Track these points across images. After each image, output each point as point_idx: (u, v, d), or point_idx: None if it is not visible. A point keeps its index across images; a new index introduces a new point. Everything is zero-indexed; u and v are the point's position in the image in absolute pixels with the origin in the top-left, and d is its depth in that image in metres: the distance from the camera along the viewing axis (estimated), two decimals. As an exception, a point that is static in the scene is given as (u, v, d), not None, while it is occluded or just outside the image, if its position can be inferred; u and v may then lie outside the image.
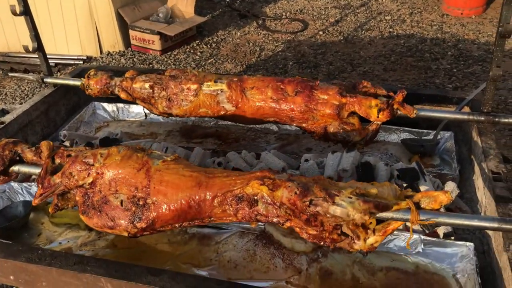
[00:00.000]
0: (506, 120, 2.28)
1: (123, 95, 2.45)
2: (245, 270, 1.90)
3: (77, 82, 2.71)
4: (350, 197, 1.51)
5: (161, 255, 1.99)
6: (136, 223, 1.71)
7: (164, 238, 2.07)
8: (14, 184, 2.31)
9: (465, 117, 2.32)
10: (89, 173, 1.77)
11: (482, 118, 2.27)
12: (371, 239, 1.56)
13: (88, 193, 1.77)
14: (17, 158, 1.96)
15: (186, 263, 1.94)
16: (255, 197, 1.62)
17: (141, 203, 1.71)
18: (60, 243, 2.08)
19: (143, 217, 1.70)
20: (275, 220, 1.62)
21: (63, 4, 5.25)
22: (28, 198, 2.31)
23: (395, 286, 1.80)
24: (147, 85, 2.36)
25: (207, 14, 6.59)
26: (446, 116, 2.32)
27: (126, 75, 2.47)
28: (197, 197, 1.68)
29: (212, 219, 1.71)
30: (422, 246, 1.88)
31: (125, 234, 1.74)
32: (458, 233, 2.02)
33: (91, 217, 1.75)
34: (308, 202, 1.54)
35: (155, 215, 1.70)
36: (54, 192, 1.81)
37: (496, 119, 2.26)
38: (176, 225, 1.73)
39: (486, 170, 2.05)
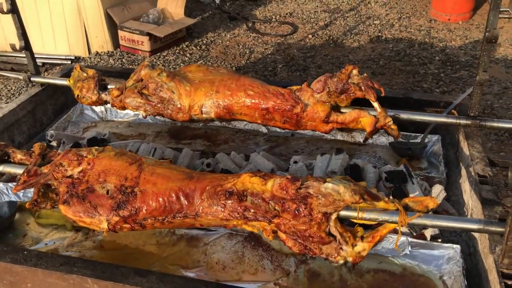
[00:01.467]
0: (492, 124, 2.31)
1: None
2: (234, 272, 1.89)
3: (64, 82, 2.68)
4: (341, 180, 1.56)
5: (148, 256, 1.98)
6: (119, 211, 1.68)
7: (152, 240, 2.06)
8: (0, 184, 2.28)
9: (452, 120, 2.35)
10: (80, 163, 1.76)
11: (469, 122, 2.29)
12: (359, 247, 1.57)
13: (74, 183, 1.74)
14: (6, 158, 1.94)
15: (174, 265, 1.93)
16: (245, 192, 1.62)
17: (128, 191, 1.69)
18: (46, 244, 2.05)
19: (128, 205, 1.68)
20: (261, 218, 1.61)
21: (51, 3, 5.20)
22: (13, 198, 2.27)
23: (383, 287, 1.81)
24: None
25: (197, 16, 6.59)
26: (434, 120, 2.34)
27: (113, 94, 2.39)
28: (186, 189, 1.67)
29: (198, 216, 1.68)
30: (410, 248, 1.89)
31: (104, 225, 1.70)
32: (445, 235, 2.04)
33: (71, 205, 1.71)
34: (299, 184, 1.56)
35: (140, 204, 1.68)
36: (38, 181, 1.78)
37: (483, 123, 2.29)
38: (160, 218, 1.69)
39: (472, 173, 2.08)
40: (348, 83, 2.07)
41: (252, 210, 1.61)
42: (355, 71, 2.07)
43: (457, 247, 1.84)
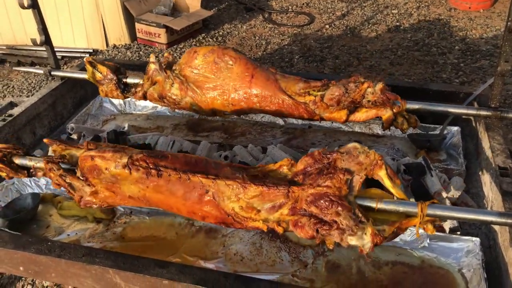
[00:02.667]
0: (514, 115, 2.28)
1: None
2: (252, 263, 1.91)
3: (84, 75, 2.71)
4: None
5: (168, 247, 2.01)
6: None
7: (172, 231, 2.09)
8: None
9: (472, 112, 2.32)
10: None
11: (489, 113, 2.26)
12: (380, 227, 1.49)
13: None
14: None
15: (193, 256, 1.95)
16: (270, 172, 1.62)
17: None
18: (68, 235, 2.10)
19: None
20: (282, 187, 1.52)
21: (70, -3, 5.25)
22: (36, 190, 2.33)
23: (401, 280, 1.81)
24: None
25: (213, 8, 6.57)
26: (453, 111, 2.31)
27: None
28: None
29: (217, 178, 1.59)
30: (428, 240, 1.89)
31: (125, 160, 1.68)
32: (464, 228, 2.03)
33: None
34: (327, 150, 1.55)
35: (166, 153, 1.73)
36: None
37: (504, 114, 2.25)
38: (180, 170, 1.62)
39: (493, 165, 2.05)
40: (362, 101, 2.00)
41: (271, 179, 1.57)
42: (369, 89, 1.97)
43: (477, 239, 1.83)
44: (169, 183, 1.63)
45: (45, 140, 1.88)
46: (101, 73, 2.47)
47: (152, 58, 2.38)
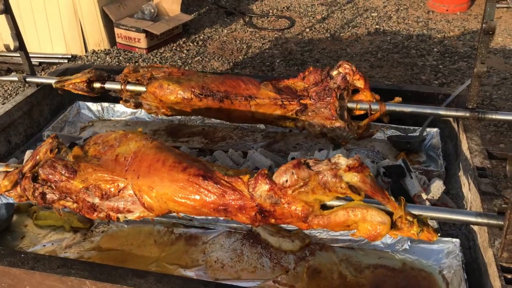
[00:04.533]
0: (491, 116, 2.30)
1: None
2: (232, 270, 1.89)
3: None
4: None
5: (147, 256, 1.97)
6: None
7: (150, 239, 2.05)
8: (-3, 187, 2.27)
9: (450, 113, 2.34)
10: None
11: (467, 114, 2.28)
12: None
13: None
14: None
15: (173, 264, 1.92)
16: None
17: None
18: (44, 245, 2.05)
19: None
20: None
21: (47, 2, 5.17)
22: (11, 200, 2.26)
23: (383, 283, 1.80)
24: None
25: (193, 12, 6.55)
26: (432, 112, 2.33)
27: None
28: None
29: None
30: (409, 243, 1.88)
31: None
32: (444, 229, 2.03)
33: None
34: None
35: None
36: None
37: (481, 115, 2.28)
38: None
39: (471, 166, 2.06)
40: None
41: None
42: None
43: (457, 241, 1.84)
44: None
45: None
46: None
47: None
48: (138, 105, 2.52)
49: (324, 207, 1.55)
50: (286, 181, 1.51)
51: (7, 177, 1.82)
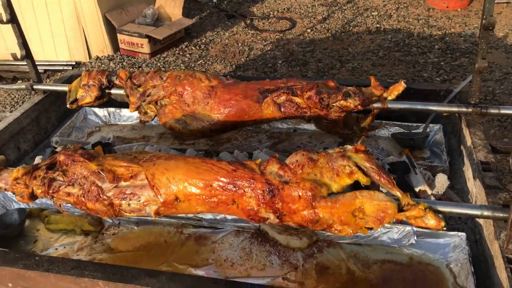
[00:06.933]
0: (494, 111, 2.32)
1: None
2: (242, 268, 1.92)
3: (66, 88, 2.72)
4: None
5: (158, 256, 2.00)
6: None
7: (161, 239, 2.09)
8: (9, 192, 2.31)
9: (453, 109, 2.36)
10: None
11: (470, 110, 2.31)
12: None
13: None
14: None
15: (183, 264, 1.95)
16: None
17: None
18: (56, 249, 2.08)
19: None
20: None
21: (50, 10, 5.23)
22: (22, 205, 2.31)
23: (390, 278, 1.82)
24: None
25: (195, 16, 6.59)
26: (434, 109, 2.36)
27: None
28: None
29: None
30: (415, 237, 1.91)
31: None
32: (450, 223, 2.06)
33: None
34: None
35: None
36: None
37: (484, 110, 2.30)
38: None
39: (475, 160, 2.09)
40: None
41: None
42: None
43: (463, 234, 1.86)
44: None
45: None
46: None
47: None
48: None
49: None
50: (297, 160, 1.55)
51: (22, 167, 1.88)
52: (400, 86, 2.27)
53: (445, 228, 1.53)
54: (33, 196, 1.85)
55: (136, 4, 5.72)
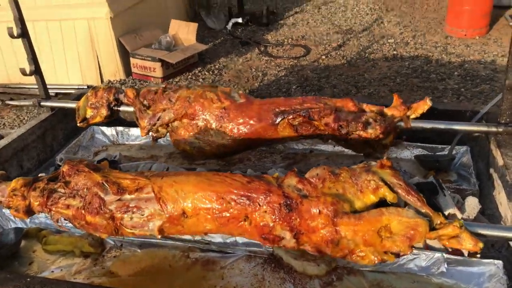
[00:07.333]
0: (526, 130, 2.16)
1: None
2: (254, 297, 1.74)
3: (74, 105, 2.62)
4: None
5: (162, 282, 1.84)
6: None
7: (165, 264, 1.92)
8: (6, 211, 2.18)
9: (483, 128, 2.20)
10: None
11: (500, 130, 2.15)
12: None
13: None
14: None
15: (188, 290, 1.78)
16: None
17: None
18: (52, 271, 1.93)
19: None
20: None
21: (64, 33, 5.23)
22: (20, 225, 2.17)
23: (419, 310, 1.63)
24: None
25: (209, 43, 6.58)
26: (461, 128, 2.20)
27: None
28: None
29: None
30: (446, 265, 1.73)
31: None
32: (483, 252, 1.86)
33: None
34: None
35: None
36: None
37: (516, 130, 2.14)
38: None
39: (509, 182, 1.91)
40: None
41: None
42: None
43: (499, 262, 1.68)
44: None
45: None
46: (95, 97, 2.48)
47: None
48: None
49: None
50: (317, 174, 1.41)
51: (22, 178, 1.75)
52: (426, 104, 2.12)
53: (481, 249, 1.35)
54: (29, 211, 1.72)
55: (150, 29, 5.71)
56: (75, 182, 1.68)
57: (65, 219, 1.71)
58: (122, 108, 2.60)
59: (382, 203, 1.49)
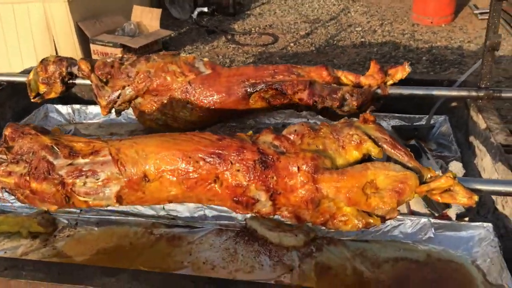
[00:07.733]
0: (508, 94, 2.07)
1: None
2: (225, 271, 1.57)
3: (24, 79, 2.38)
4: None
5: (121, 260, 1.63)
6: None
7: (125, 241, 1.72)
8: None
9: (463, 93, 2.11)
10: None
11: (481, 94, 2.06)
12: None
13: None
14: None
15: (152, 268, 1.58)
16: None
17: None
18: (-5, 254, 1.70)
19: None
20: None
21: (17, 17, 4.91)
22: (-41, 204, 1.92)
23: (406, 278, 1.50)
24: None
25: (174, 31, 6.36)
26: (442, 94, 2.10)
27: None
28: None
29: None
30: (433, 230, 1.60)
31: None
32: (469, 217, 1.76)
33: None
34: None
35: None
36: None
37: (497, 94, 2.05)
38: None
39: (494, 145, 1.81)
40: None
41: None
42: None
43: (489, 225, 1.56)
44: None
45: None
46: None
47: None
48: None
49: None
50: (295, 130, 1.25)
51: None
52: (404, 71, 2.01)
53: (476, 202, 1.22)
54: None
55: (111, 15, 5.45)
56: (20, 146, 1.46)
57: (6, 191, 1.49)
58: (78, 81, 2.37)
59: (365, 161, 1.35)
